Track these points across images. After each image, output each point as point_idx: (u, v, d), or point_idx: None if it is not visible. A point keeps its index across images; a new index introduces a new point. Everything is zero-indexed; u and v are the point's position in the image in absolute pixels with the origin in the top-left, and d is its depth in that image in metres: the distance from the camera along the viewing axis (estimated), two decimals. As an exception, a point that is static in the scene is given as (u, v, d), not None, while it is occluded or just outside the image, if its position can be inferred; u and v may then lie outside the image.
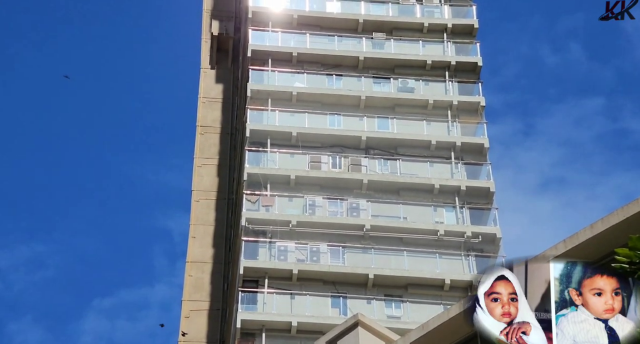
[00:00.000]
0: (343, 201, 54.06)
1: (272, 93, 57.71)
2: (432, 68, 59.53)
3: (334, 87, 58.57)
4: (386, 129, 57.03)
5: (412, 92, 58.46)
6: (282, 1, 61.58)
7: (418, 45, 60.45)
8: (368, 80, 58.91)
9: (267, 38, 59.92)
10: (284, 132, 56.14)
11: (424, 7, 62.01)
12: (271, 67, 58.69)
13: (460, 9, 62.16)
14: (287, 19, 60.68)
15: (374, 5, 61.91)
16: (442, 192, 54.66)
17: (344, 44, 60.26)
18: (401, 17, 61.52)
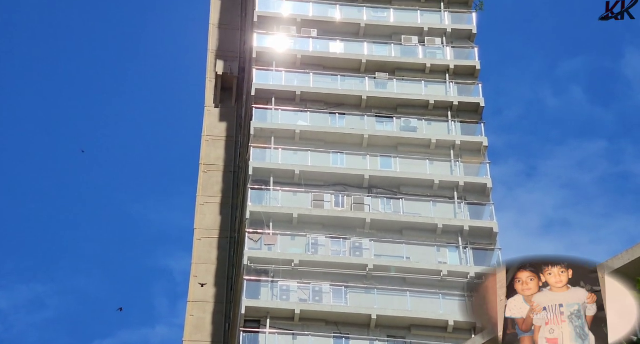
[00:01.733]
0: (346, 240, 50.55)
1: (275, 131, 54.46)
2: (434, 108, 56.28)
3: (337, 125, 55.32)
4: (389, 168, 53.57)
5: (415, 131, 55.15)
6: (286, 42, 58.50)
7: (421, 85, 57.19)
8: (371, 120, 55.60)
9: (271, 77, 56.76)
10: (287, 171, 52.82)
11: (427, 49, 58.72)
12: (275, 105, 55.51)
13: (462, 51, 58.92)
14: (291, 59, 57.52)
15: (377, 45, 58.72)
16: (445, 232, 51.13)
17: (347, 83, 57.06)
18: (404, 57, 58.28)
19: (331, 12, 59.84)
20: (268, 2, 59.80)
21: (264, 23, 58.85)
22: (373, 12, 60.25)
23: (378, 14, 60.25)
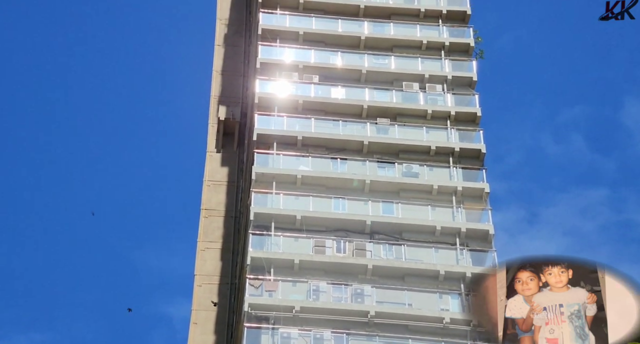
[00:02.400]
0: (347, 286, 48.85)
1: (276, 176, 52.94)
2: (436, 154, 54.81)
3: (338, 171, 53.81)
4: (391, 213, 51.95)
5: (417, 177, 53.60)
6: (288, 87, 57.21)
7: (422, 131, 55.75)
8: (373, 165, 54.08)
9: (273, 122, 55.35)
10: (288, 216, 51.18)
11: (427, 95, 57.36)
12: (276, 150, 54.03)
13: (463, 98, 57.55)
14: (292, 104, 56.13)
15: (378, 91, 57.35)
16: (447, 278, 49.50)
17: (348, 128, 55.61)
18: (405, 103, 56.92)
19: (333, 59, 58.64)
20: (270, 49, 58.61)
21: (266, 69, 57.64)
22: (374, 59, 59.02)
23: (379, 60, 59.00)
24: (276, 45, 58.57)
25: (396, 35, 59.78)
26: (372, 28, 59.99)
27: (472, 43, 59.70)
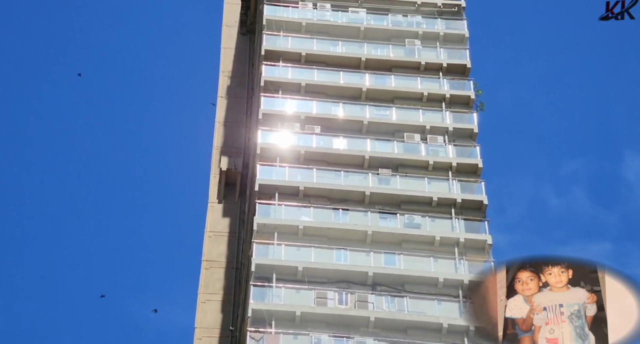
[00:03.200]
0: (349, 339, 47.07)
1: (278, 227, 51.23)
2: (438, 205, 53.10)
3: (340, 221, 52.05)
4: (393, 265, 50.16)
5: (419, 228, 51.82)
6: (290, 138, 55.60)
7: (424, 182, 54.05)
8: (374, 216, 52.26)
9: (275, 173, 53.69)
10: (289, 267, 49.46)
11: (429, 146, 55.76)
12: (278, 201, 52.28)
13: (464, 149, 55.98)
14: (294, 155, 54.54)
15: (380, 142, 55.75)
16: (450, 331, 47.69)
17: (350, 179, 53.92)
18: (406, 154, 55.33)
19: (334, 110, 57.22)
20: (273, 100, 57.18)
21: (268, 120, 56.16)
22: (375, 110, 57.56)
23: (380, 111, 57.46)
24: (278, 96, 57.18)
25: (397, 87, 58.43)
26: (373, 80, 58.63)
27: (472, 95, 58.37)
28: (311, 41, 59.93)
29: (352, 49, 59.98)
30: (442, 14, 62.13)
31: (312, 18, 61.07)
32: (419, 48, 60.45)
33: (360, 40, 60.44)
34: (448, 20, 61.97)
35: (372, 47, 60.27)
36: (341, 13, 61.74)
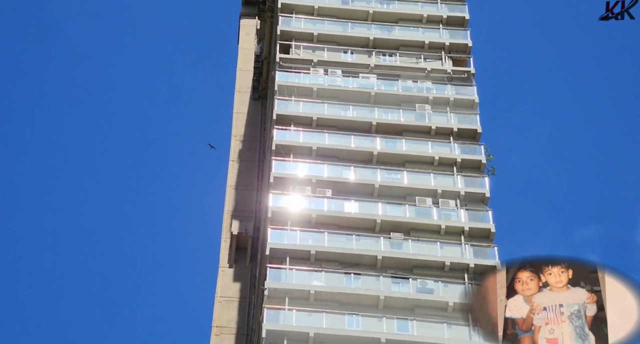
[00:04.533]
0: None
1: (289, 292, 48.97)
2: (450, 270, 50.55)
3: (352, 286, 49.68)
4: (406, 331, 47.60)
5: (432, 293, 49.28)
6: (301, 201, 53.30)
7: (436, 246, 51.59)
8: (387, 280, 49.78)
9: (286, 237, 51.29)
10: (301, 333, 47.20)
11: (441, 210, 53.41)
12: (289, 265, 49.77)
13: (476, 214, 53.72)
14: (305, 219, 52.22)
15: (391, 206, 53.36)
16: (465, 399, 44.35)
17: (362, 243, 51.53)
18: (418, 218, 52.89)
19: (345, 173, 54.92)
20: (284, 164, 54.94)
21: (279, 183, 53.93)
22: (387, 174, 55.18)
23: (392, 175, 55.04)
24: (289, 160, 54.92)
25: (408, 151, 56.19)
26: (384, 144, 56.33)
27: (483, 160, 56.05)
28: (322, 106, 57.82)
29: (363, 113, 57.82)
30: (451, 80, 60.09)
31: (323, 83, 59.13)
32: (430, 113, 58.26)
33: (371, 104, 58.33)
34: (458, 86, 59.78)
35: (382, 112, 58.12)
36: (352, 79, 59.74)
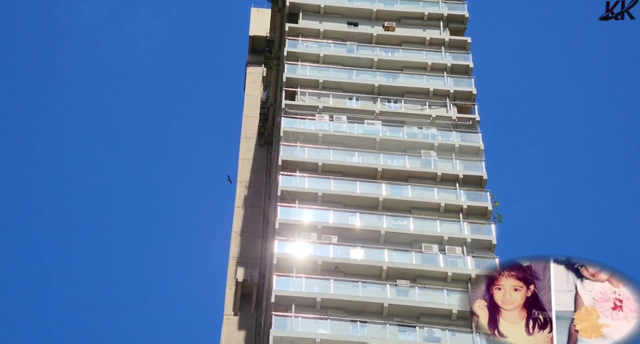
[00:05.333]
0: None
1: (295, 340, 47.90)
2: (458, 318, 49.01)
3: (358, 334, 48.39)
4: (412, 381, 45.56)
5: (439, 342, 48.20)
6: (307, 248, 51.93)
7: (443, 294, 50.38)
8: (393, 329, 48.51)
9: (291, 284, 50.08)
10: (306, 383, 44.94)
11: (447, 257, 52.28)
12: (295, 313, 48.23)
13: (483, 261, 53.02)
14: (311, 265, 51.02)
15: (398, 253, 52.15)
16: None
17: (368, 290, 50.34)
18: (425, 265, 51.72)
19: (351, 220, 53.75)
20: (290, 210, 53.74)
21: (285, 230, 52.84)
22: (393, 220, 53.91)
23: (398, 222, 53.74)
24: (295, 206, 53.66)
25: (414, 197, 55.01)
26: (390, 190, 55.08)
27: (489, 207, 54.81)
28: (328, 152, 56.66)
29: (369, 159, 56.63)
30: (457, 126, 58.87)
31: (328, 129, 58.05)
32: (435, 159, 57.07)
33: (377, 150, 57.19)
34: (463, 132, 58.58)
35: (388, 158, 56.91)
36: (357, 125, 58.61)
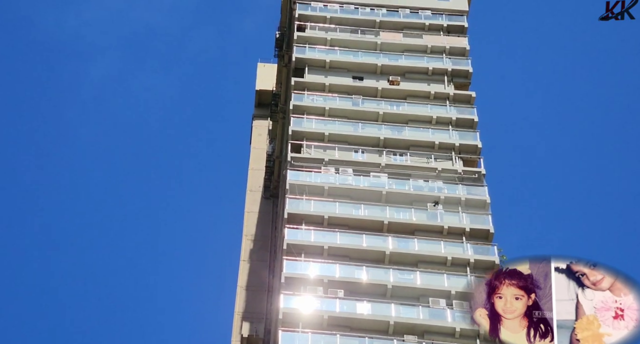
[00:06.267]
0: None
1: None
2: (466, 374, 47.10)
3: (365, 391, 46.11)
4: None
5: (449, 398, 45.85)
6: (313, 302, 50.90)
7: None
8: (401, 384, 46.52)
9: (297, 339, 49.41)
10: None
11: (455, 312, 50.95)
12: (301, 366, 46.73)
13: (490, 316, 50.02)
14: (317, 320, 49.85)
15: (405, 308, 51.19)
16: None
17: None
18: (432, 320, 50.60)
19: (358, 273, 52.62)
20: (295, 264, 52.57)
21: (291, 284, 51.74)
22: (399, 274, 52.67)
23: (404, 276, 52.47)
24: (301, 259, 52.38)
25: (420, 251, 53.77)
26: (396, 243, 53.82)
27: (497, 261, 53.52)
28: (333, 204, 55.42)
29: (375, 212, 55.38)
30: (462, 180, 57.63)
31: (334, 182, 56.90)
32: (441, 212, 55.71)
33: (383, 203, 55.85)
34: (469, 186, 57.31)
35: (394, 211, 55.67)
36: (363, 177, 57.48)
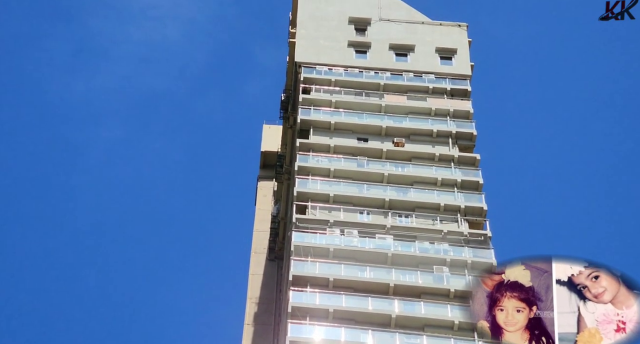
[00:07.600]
0: None
1: None
2: None
3: None
4: None
5: None
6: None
7: None
8: None
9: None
10: None
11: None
12: None
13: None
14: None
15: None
16: None
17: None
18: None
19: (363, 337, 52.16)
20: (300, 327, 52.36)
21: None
22: (406, 338, 52.39)
23: (411, 340, 52.50)
24: (306, 323, 50.57)
25: (427, 314, 52.08)
26: (402, 306, 52.11)
27: (503, 324, 50.87)
28: (339, 267, 53.80)
29: (380, 274, 53.81)
30: (468, 242, 56.02)
31: (339, 244, 55.43)
32: (448, 275, 53.99)
33: (388, 266, 54.19)
34: (475, 248, 55.63)
35: (400, 273, 54.10)
36: (368, 239, 56.01)
